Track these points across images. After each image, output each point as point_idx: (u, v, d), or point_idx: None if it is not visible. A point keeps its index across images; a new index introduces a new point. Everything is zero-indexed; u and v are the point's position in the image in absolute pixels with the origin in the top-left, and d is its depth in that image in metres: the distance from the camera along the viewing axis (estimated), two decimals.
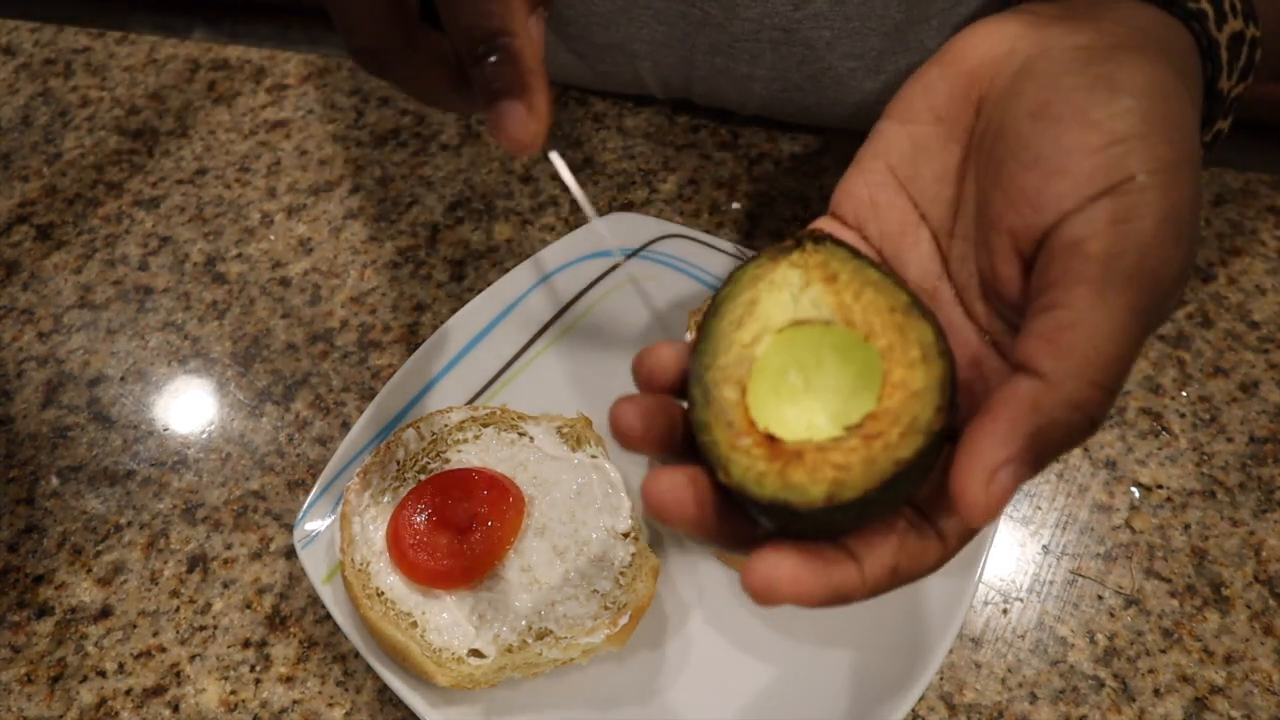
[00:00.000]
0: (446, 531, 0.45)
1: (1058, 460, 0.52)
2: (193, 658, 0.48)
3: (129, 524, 0.53)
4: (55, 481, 0.54)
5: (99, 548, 0.52)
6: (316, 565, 0.47)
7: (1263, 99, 0.85)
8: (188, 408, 0.57)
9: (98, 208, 0.67)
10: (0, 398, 0.58)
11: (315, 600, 0.50)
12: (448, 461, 0.49)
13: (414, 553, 0.44)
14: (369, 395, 0.56)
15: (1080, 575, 0.49)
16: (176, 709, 0.47)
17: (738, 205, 0.64)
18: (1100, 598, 0.48)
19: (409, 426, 0.50)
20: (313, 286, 0.62)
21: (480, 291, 0.56)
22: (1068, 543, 0.50)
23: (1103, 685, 0.46)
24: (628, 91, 0.69)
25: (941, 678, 0.46)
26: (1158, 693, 0.46)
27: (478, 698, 0.44)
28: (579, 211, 0.64)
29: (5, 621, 0.50)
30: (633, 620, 0.44)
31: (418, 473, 0.48)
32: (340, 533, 0.46)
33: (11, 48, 0.77)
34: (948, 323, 0.34)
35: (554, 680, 0.45)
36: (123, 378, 0.58)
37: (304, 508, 0.48)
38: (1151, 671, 0.46)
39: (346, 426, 0.55)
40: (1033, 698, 0.46)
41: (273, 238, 0.64)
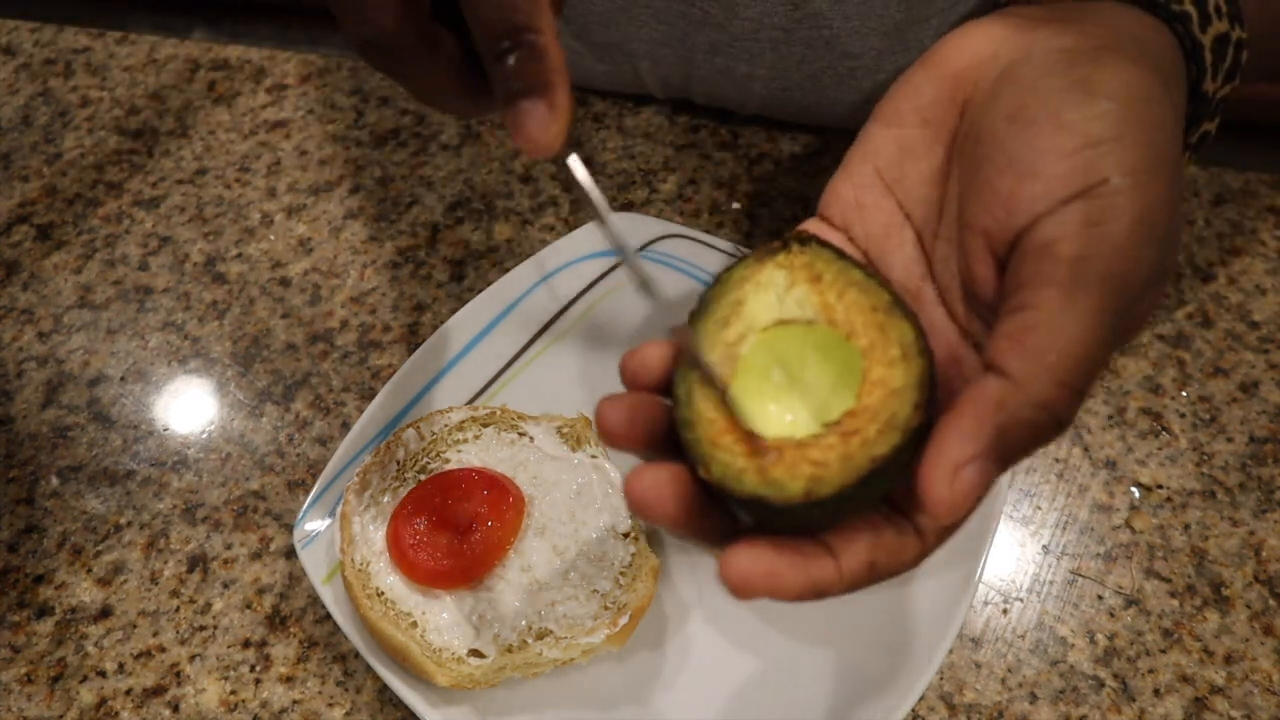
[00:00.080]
0: (446, 531, 0.45)
1: (1057, 461, 0.52)
2: (193, 658, 0.48)
3: (129, 524, 0.53)
4: (55, 481, 0.54)
5: (99, 548, 0.52)
6: (316, 565, 0.47)
7: (1262, 99, 0.85)
8: (188, 408, 0.57)
9: (98, 208, 0.67)
10: (0, 398, 0.58)
11: (315, 600, 0.50)
12: (448, 461, 0.49)
13: (414, 553, 0.44)
14: (369, 395, 0.56)
15: (1080, 575, 0.49)
16: (176, 709, 0.47)
17: (738, 205, 0.64)
18: (1100, 598, 0.48)
19: (409, 426, 0.50)
20: (313, 286, 0.62)
21: (480, 291, 0.56)
22: (1068, 543, 0.50)
23: (1103, 685, 0.46)
24: (627, 91, 0.69)
25: (941, 678, 0.46)
26: (1158, 693, 0.46)
27: (478, 698, 0.44)
28: (579, 212, 0.64)
29: (5, 621, 0.50)
30: (633, 620, 0.44)
31: (418, 473, 0.48)
32: (340, 533, 0.46)
33: (11, 48, 0.77)
34: (930, 323, 0.34)
35: (554, 680, 0.45)
36: (123, 378, 0.58)
37: (304, 508, 0.48)
38: (1151, 671, 0.46)
39: (346, 426, 0.55)
40: (1033, 698, 0.46)
41: (273, 238, 0.64)
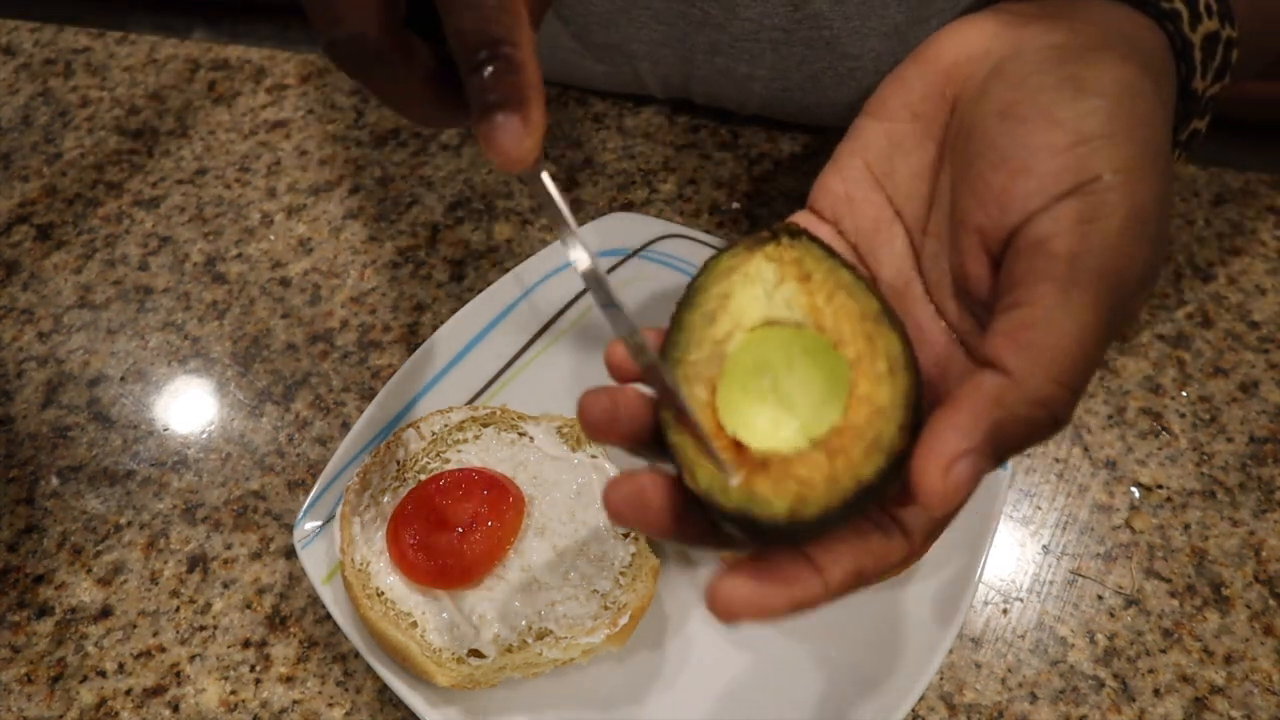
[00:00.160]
0: (447, 531, 0.45)
1: (1057, 461, 0.52)
2: (193, 658, 0.48)
3: (129, 524, 0.53)
4: (55, 481, 0.54)
5: (99, 548, 0.52)
6: (316, 565, 0.47)
7: (1253, 98, 0.85)
8: (188, 408, 0.57)
9: (98, 208, 0.67)
10: (0, 398, 0.58)
11: (315, 600, 0.50)
12: (448, 461, 0.49)
13: (414, 553, 0.44)
14: (369, 395, 0.56)
15: (1080, 575, 0.49)
16: (176, 709, 0.47)
17: (738, 205, 0.64)
18: (1100, 598, 0.48)
19: (409, 426, 0.50)
20: (313, 286, 0.62)
21: (480, 291, 0.56)
22: (1068, 543, 0.50)
23: (1103, 685, 0.46)
24: (627, 91, 0.69)
25: (941, 678, 0.46)
26: (1158, 693, 0.46)
27: (478, 698, 0.44)
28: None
29: (5, 621, 0.50)
30: (633, 620, 0.44)
31: (418, 473, 0.48)
32: (340, 533, 0.46)
33: (11, 48, 0.77)
34: (917, 321, 0.34)
35: (554, 680, 0.45)
36: (123, 378, 0.58)
37: (304, 508, 0.48)
38: (1151, 671, 0.46)
39: (346, 426, 0.55)
40: (1033, 698, 0.46)
41: (273, 238, 0.64)
